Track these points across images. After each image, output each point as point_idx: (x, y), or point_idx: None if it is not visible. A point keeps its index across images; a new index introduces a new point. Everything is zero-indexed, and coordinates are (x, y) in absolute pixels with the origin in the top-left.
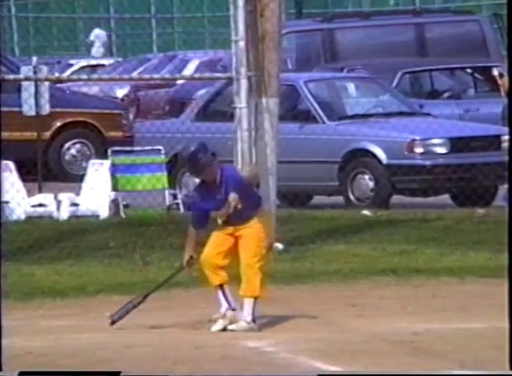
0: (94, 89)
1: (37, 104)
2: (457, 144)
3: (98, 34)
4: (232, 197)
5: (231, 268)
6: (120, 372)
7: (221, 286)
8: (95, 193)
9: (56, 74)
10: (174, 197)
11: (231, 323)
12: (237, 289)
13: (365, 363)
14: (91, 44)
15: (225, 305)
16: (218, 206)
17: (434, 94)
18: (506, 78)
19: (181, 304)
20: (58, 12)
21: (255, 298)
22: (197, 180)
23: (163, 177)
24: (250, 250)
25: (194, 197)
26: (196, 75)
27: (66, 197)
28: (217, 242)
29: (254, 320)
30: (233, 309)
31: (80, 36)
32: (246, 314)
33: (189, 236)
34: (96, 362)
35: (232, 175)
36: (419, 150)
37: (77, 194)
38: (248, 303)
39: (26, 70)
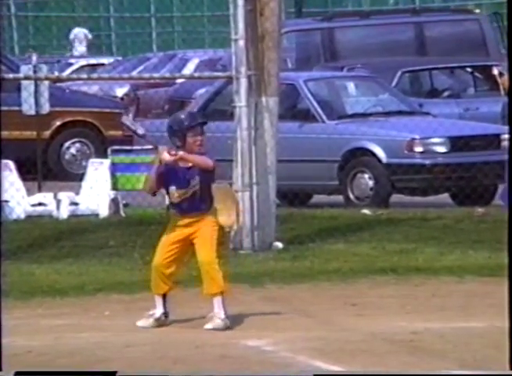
0: (94, 88)
1: (36, 103)
2: (457, 143)
3: (76, 33)
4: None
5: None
6: (116, 372)
7: (164, 295)
8: (95, 192)
9: (56, 73)
10: None
11: (159, 325)
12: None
13: (364, 363)
14: (72, 43)
15: (160, 310)
16: (179, 183)
17: (434, 93)
18: (505, 77)
19: (180, 303)
20: (57, 11)
21: (222, 294)
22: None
23: None
24: (207, 248)
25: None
26: (196, 74)
27: (65, 196)
28: (167, 248)
29: (227, 316)
30: (166, 315)
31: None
32: (219, 310)
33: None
34: (96, 361)
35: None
36: (418, 149)
37: (77, 193)
38: (217, 300)
39: (25, 69)
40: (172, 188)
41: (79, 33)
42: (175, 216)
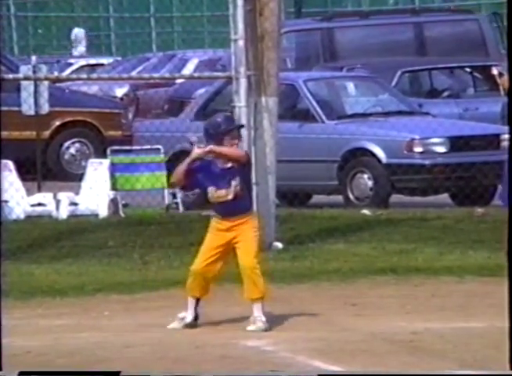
0: (93, 88)
1: (36, 103)
2: (456, 143)
3: (76, 33)
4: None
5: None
6: (119, 372)
7: (198, 299)
8: (95, 192)
9: (56, 74)
10: (174, 196)
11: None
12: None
13: (364, 363)
14: (73, 43)
15: (192, 314)
16: (219, 183)
17: (434, 93)
18: (505, 77)
19: (180, 303)
20: (57, 11)
21: (262, 299)
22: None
23: (162, 176)
24: (251, 253)
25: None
26: (196, 74)
27: (65, 197)
28: (209, 253)
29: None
30: (196, 317)
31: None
32: (259, 314)
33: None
34: (95, 361)
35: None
36: (418, 149)
37: (77, 193)
38: (257, 305)
39: (25, 70)
40: (212, 188)
41: (79, 33)
42: (217, 219)
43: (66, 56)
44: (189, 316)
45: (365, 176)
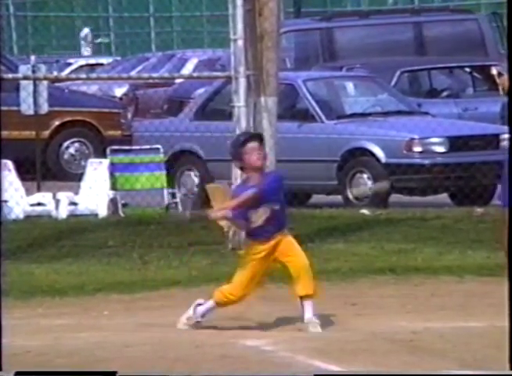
0: (92, 88)
1: (35, 103)
2: (456, 143)
3: (86, 33)
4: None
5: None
6: (116, 372)
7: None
8: (94, 192)
9: (55, 73)
10: (173, 196)
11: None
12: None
13: (364, 362)
14: (83, 42)
15: (203, 315)
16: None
17: (433, 93)
18: (505, 77)
19: (180, 303)
20: (56, 10)
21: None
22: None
23: (161, 176)
24: (301, 252)
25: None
26: (195, 74)
27: (64, 196)
28: (251, 282)
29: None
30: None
31: (78, 35)
32: (314, 312)
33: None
34: (95, 361)
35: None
36: (417, 148)
37: (76, 193)
38: (311, 302)
39: (24, 69)
40: (251, 211)
41: (88, 33)
42: (256, 245)
43: (75, 56)
44: (201, 316)
45: (365, 176)
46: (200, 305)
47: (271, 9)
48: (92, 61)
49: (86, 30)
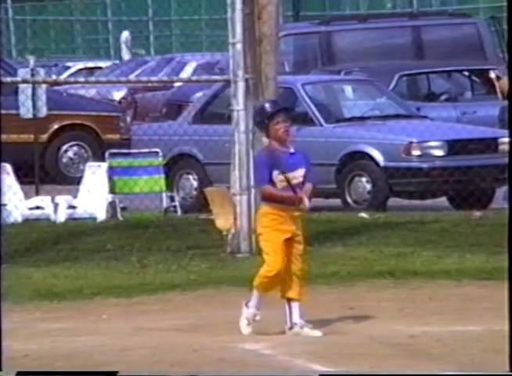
0: (91, 92)
1: (34, 107)
2: (454, 147)
3: (126, 37)
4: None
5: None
6: (117, 372)
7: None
8: (93, 195)
9: (54, 77)
10: (172, 199)
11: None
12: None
13: (362, 366)
14: (123, 46)
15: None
16: (283, 167)
17: (432, 96)
18: (505, 81)
19: (178, 306)
20: (55, 14)
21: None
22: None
23: (160, 179)
24: (302, 257)
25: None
26: (194, 78)
27: (63, 200)
28: (282, 249)
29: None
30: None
31: (77, 39)
32: (302, 315)
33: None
34: (93, 365)
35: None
36: (416, 152)
37: (75, 197)
38: (298, 306)
39: (23, 73)
40: (275, 173)
41: (127, 36)
42: (277, 211)
43: (73, 59)
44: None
45: (364, 179)
46: (247, 302)
47: (269, 12)
48: (91, 64)
49: (126, 33)
